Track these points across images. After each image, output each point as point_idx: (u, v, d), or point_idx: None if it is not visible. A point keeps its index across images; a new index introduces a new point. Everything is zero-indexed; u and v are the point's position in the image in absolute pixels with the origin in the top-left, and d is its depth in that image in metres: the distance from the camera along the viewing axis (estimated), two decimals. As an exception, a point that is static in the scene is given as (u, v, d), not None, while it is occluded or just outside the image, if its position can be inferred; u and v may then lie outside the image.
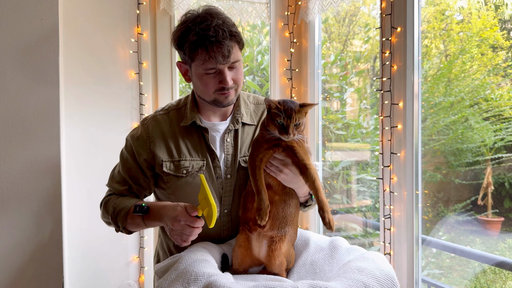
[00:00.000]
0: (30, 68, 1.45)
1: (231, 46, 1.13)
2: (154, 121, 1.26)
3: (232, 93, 1.19)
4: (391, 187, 1.46)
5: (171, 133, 1.24)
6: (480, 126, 2.43)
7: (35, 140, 1.46)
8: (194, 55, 1.14)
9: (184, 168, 1.21)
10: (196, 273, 0.98)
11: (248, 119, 1.29)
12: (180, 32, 1.15)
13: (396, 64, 1.43)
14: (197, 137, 1.24)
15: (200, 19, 1.13)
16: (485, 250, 2.22)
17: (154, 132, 1.24)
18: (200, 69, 1.15)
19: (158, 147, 1.22)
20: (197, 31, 1.11)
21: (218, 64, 1.13)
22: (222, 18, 1.14)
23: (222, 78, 1.15)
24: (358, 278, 0.98)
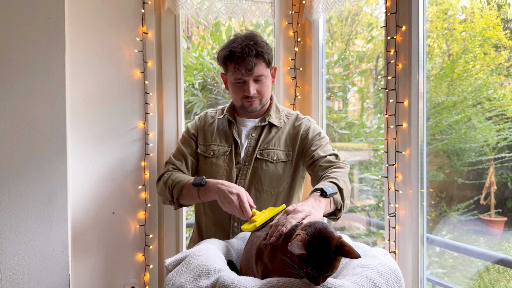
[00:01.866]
0: (36, 67, 1.46)
1: (255, 62, 1.38)
2: (204, 114, 1.61)
3: (256, 102, 1.44)
4: (396, 185, 1.46)
5: (212, 125, 1.54)
6: (483, 126, 2.43)
7: (41, 139, 1.47)
8: (226, 67, 1.44)
9: (211, 151, 1.48)
10: (207, 268, 0.98)
11: (276, 121, 1.49)
12: (221, 49, 1.45)
13: (401, 63, 1.43)
14: (228, 128, 1.51)
15: (237, 40, 1.41)
16: (489, 250, 2.22)
17: (202, 121, 1.57)
18: (231, 79, 1.44)
19: (200, 135, 1.54)
20: (229, 48, 1.40)
21: (243, 76, 1.39)
22: (255, 40, 1.40)
23: (246, 88, 1.41)
24: (361, 273, 0.98)
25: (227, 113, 1.52)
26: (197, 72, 2.77)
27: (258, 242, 1.07)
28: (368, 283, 0.95)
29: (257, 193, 1.42)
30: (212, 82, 2.75)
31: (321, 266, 0.85)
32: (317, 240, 0.86)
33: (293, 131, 1.50)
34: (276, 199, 1.43)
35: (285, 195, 1.45)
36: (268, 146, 1.47)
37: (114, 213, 1.75)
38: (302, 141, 1.47)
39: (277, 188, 1.43)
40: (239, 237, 1.31)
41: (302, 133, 1.48)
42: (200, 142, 1.52)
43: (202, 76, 2.75)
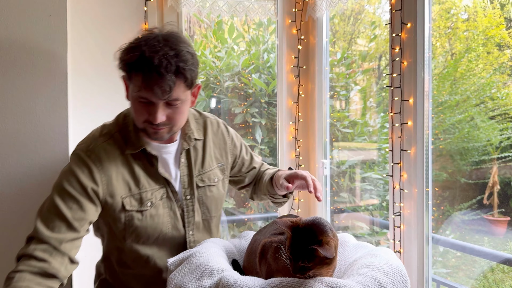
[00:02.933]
0: (38, 65, 1.45)
1: (173, 82, 0.98)
2: (101, 149, 1.07)
3: (163, 130, 1.06)
4: (401, 184, 1.45)
5: (123, 161, 1.09)
6: (486, 125, 2.42)
7: (44, 137, 1.46)
8: (130, 76, 1.01)
9: (148, 200, 1.10)
10: (210, 268, 0.97)
11: (197, 134, 1.21)
12: (128, 47, 1.03)
13: (406, 60, 1.42)
14: (148, 163, 1.12)
15: (153, 42, 1.00)
16: (493, 250, 2.21)
17: (105, 163, 1.06)
18: (134, 93, 1.02)
19: (115, 182, 1.06)
20: (142, 52, 0.97)
21: (153, 97, 0.99)
22: (178, 50, 1.00)
23: (152, 113, 1.01)
24: (367, 273, 0.97)
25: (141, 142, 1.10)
26: (199, 71, 2.76)
27: (263, 241, 1.06)
28: (373, 283, 0.94)
29: (206, 223, 1.23)
30: (214, 81, 2.74)
31: (298, 254, 0.86)
32: (305, 230, 0.88)
33: (217, 140, 1.27)
34: (218, 219, 1.30)
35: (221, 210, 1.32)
36: (203, 168, 1.21)
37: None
38: (232, 152, 1.30)
39: (220, 209, 1.29)
40: (241, 236, 1.30)
41: (229, 143, 1.30)
42: (122, 194, 1.07)
43: (205, 75, 2.74)
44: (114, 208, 1.07)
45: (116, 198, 1.06)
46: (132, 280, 1.18)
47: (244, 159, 1.36)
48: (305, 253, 0.86)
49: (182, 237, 1.18)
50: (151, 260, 1.15)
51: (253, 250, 1.10)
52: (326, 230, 0.89)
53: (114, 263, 1.18)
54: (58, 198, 1.02)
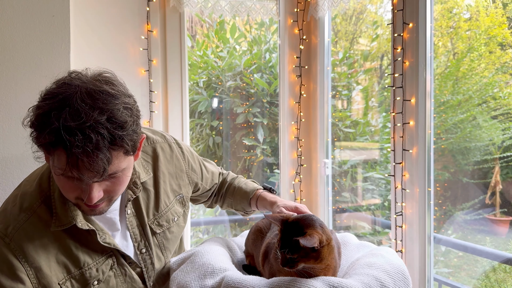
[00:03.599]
0: (41, 65, 1.46)
1: (109, 159, 0.75)
2: (22, 233, 0.84)
3: (102, 205, 0.86)
4: (403, 184, 1.45)
5: (54, 240, 0.86)
6: (488, 125, 2.42)
7: (47, 136, 1.47)
8: (50, 153, 0.77)
9: (93, 279, 0.90)
10: (213, 267, 0.97)
11: (144, 174, 1.01)
12: (39, 114, 0.76)
13: (408, 60, 1.42)
14: (86, 233, 0.90)
15: (73, 106, 0.73)
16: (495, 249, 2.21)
17: (29, 251, 0.83)
18: (57, 169, 0.77)
19: (44, 271, 0.84)
20: (57, 129, 0.72)
21: (83, 179, 0.77)
22: (111, 111, 0.75)
23: (85, 192, 0.79)
24: (368, 273, 0.97)
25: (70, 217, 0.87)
26: (201, 71, 2.77)
27: (265, 242, 1.07)
28: (375, 282, 0.94)
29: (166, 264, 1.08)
30: (216, 81, 2.75)
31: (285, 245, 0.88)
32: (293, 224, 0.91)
33: (173, 168, 1.08)
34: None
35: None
36: (159, 211, 1.03)
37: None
38: (191, 178, 1.14)
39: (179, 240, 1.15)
40: (244, 235, 1.31)
41: (186, 167, 1.12)
42: (58, 280, 0.86)
43: (207, 75, 2.75)
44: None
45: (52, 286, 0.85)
46: None
47: (207, 179, 1.22)
48: (291, 245, 0.88)
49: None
50: None
51: (256, 239, 1.11)
52: (313, 224, 0.90)
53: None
54: None
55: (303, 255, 0.88)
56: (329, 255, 0.93)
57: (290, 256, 0.87)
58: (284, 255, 0.88)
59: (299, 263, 0.88)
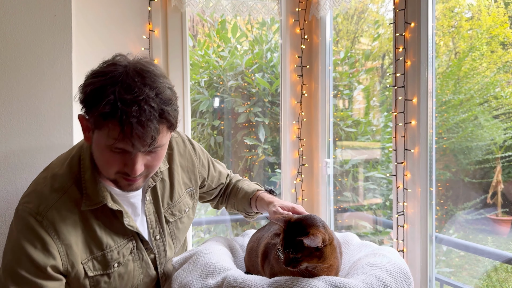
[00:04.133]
0: (43, 65, 1.46)
1: (158, 130, 0.83)
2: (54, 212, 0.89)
3: (139, 180, 0.91)
4: (405, 183, 1.45)
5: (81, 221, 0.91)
6: (490, 124, 2.41)
7: (48, 136, 1.47)
8: (101, 126, 0.82)
9: (114, 261, 0.95)
10: (215, 266, 0.98)
11: (162, 165, 1.07)
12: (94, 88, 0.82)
13: (410, 60, 1.42)
14: (112, 217, 0.96)
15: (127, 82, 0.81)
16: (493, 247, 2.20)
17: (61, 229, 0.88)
18: (104, 141, 0.84)
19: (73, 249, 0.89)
20: (116, 99, 0.78)
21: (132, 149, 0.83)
22: (157, 88, 0.83)
23: (130, 164, 0.86)
24: (370, 273, 0.97)
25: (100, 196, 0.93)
26: (203, 70, 2.77)
27: (264, 242, 1.06)
28: (377, 282, 0.94)
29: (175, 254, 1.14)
30: (218, 80, 2.75)
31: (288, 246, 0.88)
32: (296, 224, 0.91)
33: (185, 162, 1.14)
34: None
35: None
36: (173, 200, 1.09)
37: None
38: (200, 173, 1.20)
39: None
40: (245, 235, 1.31)
41: (197, 164, 1.18)
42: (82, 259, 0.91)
43: (208, 74, 2.75)
44: (78, 277, 0.91)
45: (78, 267, 0.90)
46: None
47: (213, 177, 1.27)
48: (294, 245, 0.88)
49: (154, 279, 1.07)
50: None
51: (253, 249, 1.11)
52: (316, 224, 0.91)
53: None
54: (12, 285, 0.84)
55: (306, 255, 0.88)
56: (332, 255, 0.93)
57: (294, 255, 0.87)
58: (287, 255, 0.88)
59: (303, 262, 0.88)
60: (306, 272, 0.92)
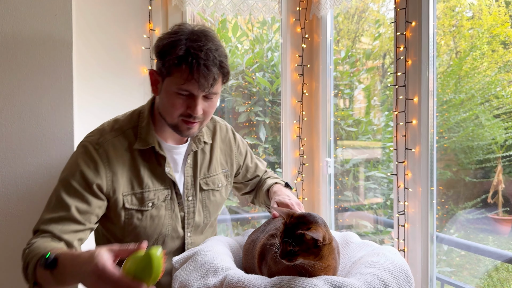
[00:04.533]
0: (44, 64, 1.46)
1: (217, 75, 1.02)
2: (109, 145, 1.07)
3: (196, 125, 1.08)
4: (406, 183, 1.45)
5: (130, 158, 1.08)
6: (491, 124, 2.41)
7: (49, 136, 1.47)
8: (174, 70, 1.00)
9: (149, 201, 1.09)
10: (215, 266, 0.97)
11: (206, 137, 1.22)
12: (168, 41, 1.01)
13: (411, 59, 1.42)
14: (156, 163, 1.11)
15: (194, 36, 1.01)
16: (494, 247, 2.20)
17: (112, 159, 1.05)
18: (173, 87, 1.02)
19: (120, 179, 1.05)
20: (188, 46, 0.99)
21: (196, 89, 1.01)
22: (216, 45, 1.03)
23: (193, 105, 1.03)
24: (370, 272, 0.96)
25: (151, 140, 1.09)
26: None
27: (260, 243, 1.06)
28: (377, 282, 0.94)
29: (205, 226, 1.23)
30: (218, 80, 2.75)
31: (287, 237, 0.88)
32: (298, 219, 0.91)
33: (224, 147, 1.28)
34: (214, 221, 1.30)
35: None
36: (209, 172, 1.21)
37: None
38: (237, 160, 1.32)
39: (219, 213, 1.28)
40: (245, 234, 1.30)
41: (235, 150, 1.31)
42: (123, 192, 1.07)
43: (208, 74, 2.75)
44: (116, 205, 1.07)
45: (118, 195, 1.06)
46: None
47: (248, 167, 1.37)
48: (293, 238, 0.88)
49: (181, 238, 1.17)
50: None
51: (249, 250, 1.11)
52: (317, 221, 0.91)
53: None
54: (63, 192, 1.02)
55: (304, 249, 0.88)
56: (329, 255, 0.93)
57: (291, 248, 0.87)
58: (285, 246, 0.88)
59: (299, 257, 0.88)
60: (303, 270, 0.92)
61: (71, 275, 0.85)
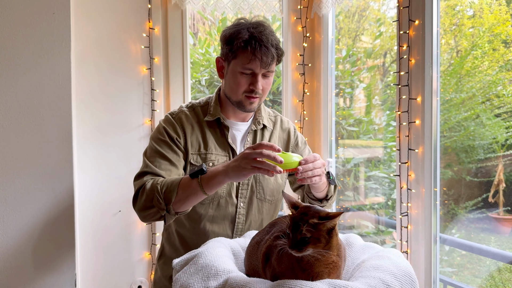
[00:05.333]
0: (42, 63, 1.44)
1: (275, 54, 1.23)
2: (182, 114, 1.31)
3: (256, 100, 1.28)
4: (409, 184, 1.43)
5: (198, 126, 1.31)
6: (492, 123, 2.39)
7: (47, 135, 1.45)
8: (240, 52, 1.22)
9: (210, 161, 1.28)
10: (216, 268, 0.96)
11: (267, 122, 1.38)
12: (234, 30, 1.24)
13: (414, 58, 1.40)
14: (220, 133, 1.31)
15: (255, 25, 1.24)
16: (498, 248, 2.19)
17: (184, 123, 1.29)
18: (238, 67, 1.23)
19: (189, 138, 1.28)
20: (251, 32, 1.22)
21: (258, 67, 1.22)
22: (272, 31, 1.26)
23: (255, 81, 1.24)
24: (375, 275, 0.95)
25: (217, 113, 1.31)
26: (203, 69, 2.74)
27: (266, 245, 1.04)
28: (382, 285, 0.92)
29: (260, 203, 1.33)
30: (218, 79, 2.73)
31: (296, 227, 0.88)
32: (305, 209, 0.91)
33: (283, 135, 1.42)
34: (275, 208, 1.39)
35: (280, 203, 1.41)
36: None
37: (121, 211, 1.74)
38: (292, 149, 1.42)
39: (277, 197, 1.37)
40: (247, 236, 1.29)
41: (293, 140, 1.42)
42: (191, 151, 1.28)
43: (209, 73, 2.73)
44: (187, 160, 1.28)
45: (188, 152, 1.27)
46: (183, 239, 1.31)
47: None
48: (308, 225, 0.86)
49: (234, 205, 1.29)
50: (202, 221, 1.27)
51: (253, 252, 1.09)
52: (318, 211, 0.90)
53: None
54: (156, 145, 1.25)
55: (316, 236, 0.86)
56: (336, 248, 0.91)
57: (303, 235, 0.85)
58: (295, 235, 0.86)
59: (309, 246, 0.86)
60: (307, 268, 0.90)
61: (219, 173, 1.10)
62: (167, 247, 1.36)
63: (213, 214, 1.28)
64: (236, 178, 1.09)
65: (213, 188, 1.13)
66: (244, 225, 1.30)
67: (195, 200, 1.16)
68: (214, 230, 1.28)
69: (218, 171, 1.11)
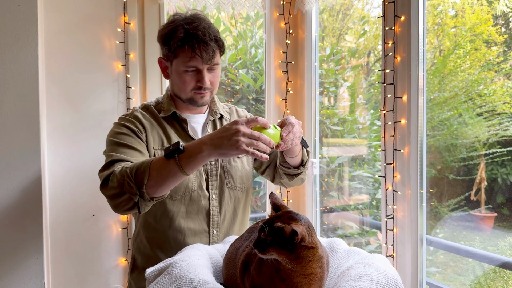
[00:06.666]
0: (6, 58, 1.34)
1: (215, 47, 1.20)
2: (138, 113, 1.26)
3: (207, 94, 1.26)
4: (394, 185, 1.39)
5: (157, 123, 1.27)
6: (474, 122, 2.40)
7: (12, 136, 1.36)
8: (179, 52, 1.19)
9: None
10: (191, 280, 0.89)
11: (223, 111, 1.37)
12: (169, 29, 1.20)
13: (400, 55, 1.36)
14: (180, 127, 1.28)
15: (189, 20, 1.20)
16: (480, 247, 2.19)
17: (142, 120, 1.24)
18: (181, 67, 1.21)
19: (150, 134, 1.24)
20: (186, 29, 1.18)
21: (200, 63, 1.19)
22: (208, 23, 1.22)
23: (201, 78, 1.22)
24: (359, 285, 0.90)
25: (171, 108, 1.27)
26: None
27: (245, 252, 0.98)
28: (367, 295, 0.87)
29: (231, 191, 1.30)
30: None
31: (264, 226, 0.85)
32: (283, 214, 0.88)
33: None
34: (246, 195, 1.36)
35: (251, 189, 1.39)
36: None
37: (94, 215, 1.65)
38: None
39: (247, 184, 1.34)
40: (226, 241, 1.22)
41: None
42: (154, 146, 1.23)
43: (189, 70, 2.66)
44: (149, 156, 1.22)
45: (151, 148, 1.22)
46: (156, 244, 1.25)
47: None
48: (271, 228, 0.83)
49: (206, 198, 1.26)
50: (176, 219, 1.23)
51: (231, 260, 1.03)
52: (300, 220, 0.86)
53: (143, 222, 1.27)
54: (115, 139, 1.18)
55: (278, 242, 0.81)
56: (313, 262, 0.86)
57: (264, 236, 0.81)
58: (259, 235, 0.83)
59: (271, 249, 0.82)
60: (285, 277, 0.84)
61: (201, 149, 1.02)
62: (138, 258, 1.28)
63: (186, 210, 1.24)
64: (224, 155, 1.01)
65: (194, 167, 1.04)
66: (220, 217, 1.28)
67: (173, 183, 1.06)
68: (189, 226, 1.24)
69: (201, 148, 1.02)
